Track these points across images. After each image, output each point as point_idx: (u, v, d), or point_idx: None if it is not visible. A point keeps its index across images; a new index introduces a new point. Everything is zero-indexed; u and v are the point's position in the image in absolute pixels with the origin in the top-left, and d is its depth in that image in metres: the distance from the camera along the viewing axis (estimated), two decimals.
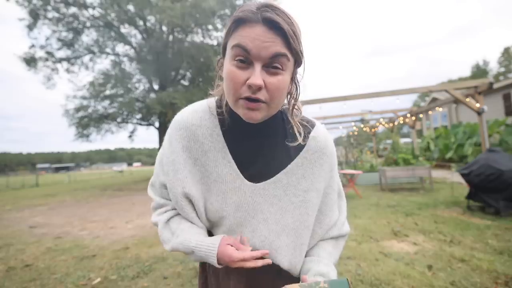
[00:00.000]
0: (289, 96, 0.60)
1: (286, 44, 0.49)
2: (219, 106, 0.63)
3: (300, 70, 0.58)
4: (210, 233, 0.66)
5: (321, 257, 0.65)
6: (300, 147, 0.62)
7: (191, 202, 0.61)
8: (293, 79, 0.57)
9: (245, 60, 0.49)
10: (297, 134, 0.60)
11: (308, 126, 0.64)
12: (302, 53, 0.53)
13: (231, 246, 0.57)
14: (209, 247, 0.57)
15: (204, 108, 0.63)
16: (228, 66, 0.51)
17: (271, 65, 0.50)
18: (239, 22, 0.49)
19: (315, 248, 0.67)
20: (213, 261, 0.56)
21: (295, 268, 0.62)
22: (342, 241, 0.71)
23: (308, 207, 0.61)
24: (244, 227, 0.60)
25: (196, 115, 0.62)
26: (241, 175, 0.60)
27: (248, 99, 0.50)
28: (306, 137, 0.62)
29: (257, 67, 0.49)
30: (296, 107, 0.62)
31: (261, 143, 0.61)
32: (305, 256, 0.65)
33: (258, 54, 0.48)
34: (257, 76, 0.48)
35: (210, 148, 0.61)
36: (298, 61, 0.54)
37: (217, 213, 0.61)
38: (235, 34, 0.50)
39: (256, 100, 0.50)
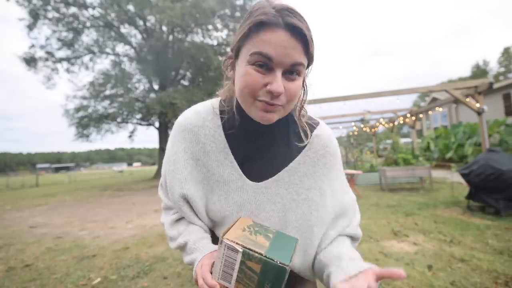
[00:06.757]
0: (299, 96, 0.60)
1: (305, 51, 0.49)
2: (223, 106, 0.62)
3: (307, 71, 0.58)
4: (213, 233, 0.66)
5: (345, 244, 0.61)
6: (303, 146, 0.62)
7: (188, 203, 0.61)
8: (303, 81, 0.57)
9: (265, 65, 0.49)
10: (303, 135, 0.60)
11: (312, 125, 0.65)
12: (313, 57, 0.54)
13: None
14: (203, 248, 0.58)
15: (208, 109, 0.63)
16: (245, 69, 0.50)
17: (290, 71, 0.50)
18: (260, 25, 0.48)
19: (334, 242, 0.61)
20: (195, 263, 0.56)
21: (304, 267, 0.60)
22: (356, 244, 0.67)
23: (311, 205, 0.61)
24: None
25: (199, 116, 0.62)
26: (243, 175, 0.60)
27: (267, 102, 0.50)
28: (309, 136, 0.62)
29: (278, 73, 0.49)
30: (303, 107, 0.62)
31: (264, 143, 0.61)
32: (323, 254, 0.59)
33: (281, 61, 0.48)
34: (279, 83, 0.48)
35: (212, 148, 0.61)
36: (310, 64, 0.54)
37: (220, 213, 0.61)
38: (256, 39, 0.48)
39: (274, 104, 0.51)
